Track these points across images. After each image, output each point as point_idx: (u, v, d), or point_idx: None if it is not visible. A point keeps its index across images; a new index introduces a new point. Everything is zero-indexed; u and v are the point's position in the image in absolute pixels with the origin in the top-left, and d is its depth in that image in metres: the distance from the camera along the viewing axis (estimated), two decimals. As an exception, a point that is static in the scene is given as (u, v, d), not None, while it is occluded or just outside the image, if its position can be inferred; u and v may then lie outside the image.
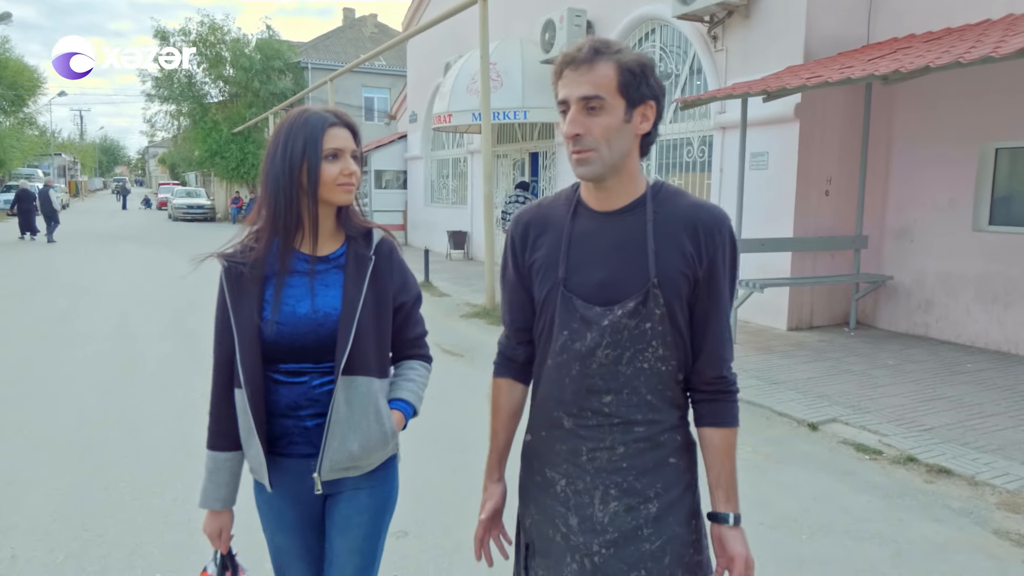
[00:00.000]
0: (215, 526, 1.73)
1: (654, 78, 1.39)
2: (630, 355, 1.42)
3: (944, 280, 7.66)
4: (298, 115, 1.64)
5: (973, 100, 7.21)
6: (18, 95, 38.96)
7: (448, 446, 4.58)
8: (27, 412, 5.12)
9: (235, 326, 1.62)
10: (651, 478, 1.45)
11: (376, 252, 1.72)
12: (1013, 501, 3.82)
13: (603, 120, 1.36)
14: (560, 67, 1.38)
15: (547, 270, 1.50)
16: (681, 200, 1.45)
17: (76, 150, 72.60)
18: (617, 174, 1.42)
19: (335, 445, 1.62)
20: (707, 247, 1.41)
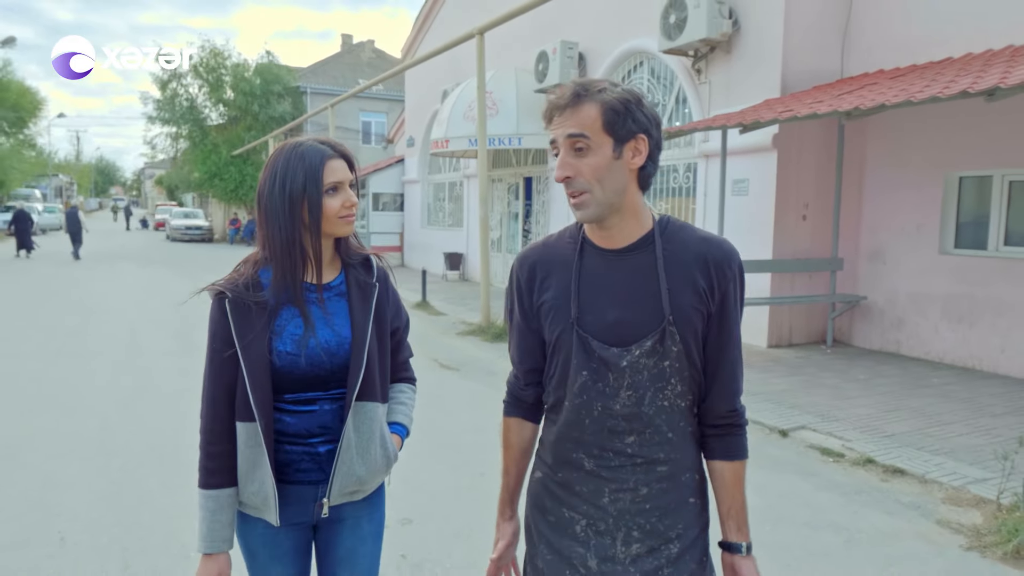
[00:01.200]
0: (214, 571, 1.64)
1: (642, 111, 1.38)
2: (651, 395, 1.42)
3: (914, 300, 8.13)
4: (293, 148, 1.62)
5: (938, 131, 7.72)
6: (19, 117, 39.49)
7: (445, 447, 4.97)
8: (51, 420, 5.49)
9: (243, 358, 1.59)
10: (673, 519, 1.45)
11: (377, 279, 1.74)
12: (957, 496, 4.24)
13: (591, 160, 1.36)
14: (548, 114, 1.42)
15: (558, 311, 1.48)
16: (689, 235, 1.45)
17: (73, 171, 73.17)
18: (618, 212, 1.41)
19: (344, 471, 1.64)
20: (719, 282, 1.42)
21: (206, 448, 1.65)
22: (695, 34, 8.72)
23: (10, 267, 18.28)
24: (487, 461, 4.85)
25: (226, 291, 1.62)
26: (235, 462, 1.64)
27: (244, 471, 1.63)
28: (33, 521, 3.72)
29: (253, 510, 1.65)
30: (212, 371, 1.64)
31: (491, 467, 4.77)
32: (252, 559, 1.72)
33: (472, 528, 3.71)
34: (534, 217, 14.44)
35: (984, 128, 7.28)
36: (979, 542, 3.67)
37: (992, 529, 3.75)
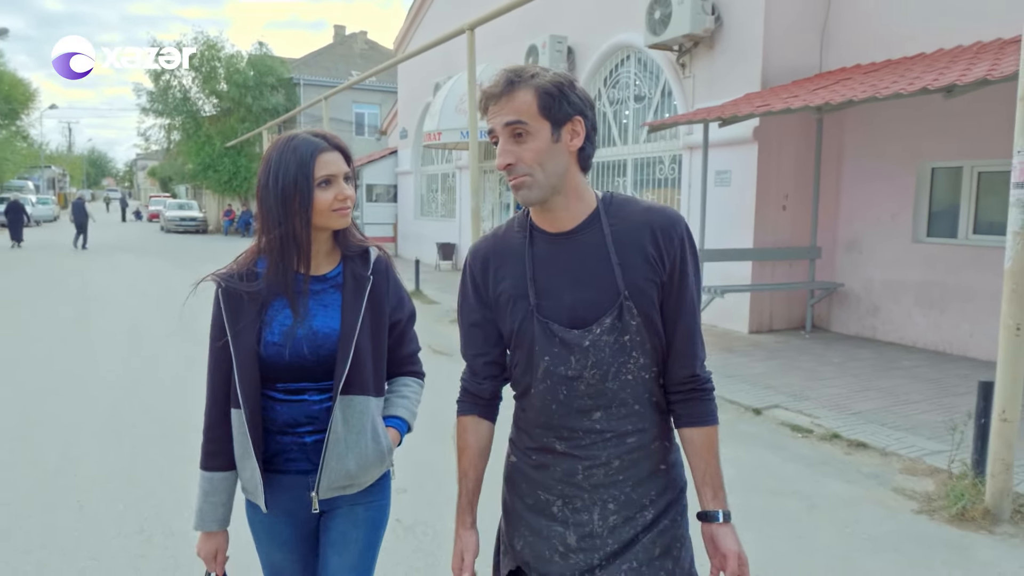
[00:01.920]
0: (211, 547, 1.73)
1: (575, 94, 1.39)
2: (614, 370, 1.44)
3: (888, 287, 8.45)
4: (286, 142, 1.64)
5: (912, 123, 8.02)
6: (12, 108, 39.45)
7: (437, 424, 5.25)
8: (62, 403, 5.76)
9: (233, 347, 1.63)
10: (646, 487, 1.48)
11: (374, 271, 1.74)
12: (913, 467, 4.56)
13: (531, 145, 1.37)
14: (483, 104, 1.43)
15: (516, 300, 1.49)
16: (633, 207, 1.46)
17: (65, 162, 72.85)
18: (560, 194, 1.42)
19: (332, 464, 1.65)
20: (667, 248, 1.42)
21: (206, 432, 1.72)
22: (679, 29, 8.98)
23: (7, 257, 18.45)
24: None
25: (221, 281, 1.67)
26: (231, 447, 1.69)
27: (238, 456, 1.68)
28: (53, 491, 3.99)
29: (249, 494, 1.70)
30: (211, 358, 1.71)
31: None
32: (259, 542, 1.78)
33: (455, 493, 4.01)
34: (525, 208, 14.69)
35: (955, 121, 7.58)
36: (929, 506, 3.99)
37: (942, 495, 4.06)
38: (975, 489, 3.94)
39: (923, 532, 3.72)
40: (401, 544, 3.47)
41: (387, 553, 3.27)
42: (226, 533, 1.73)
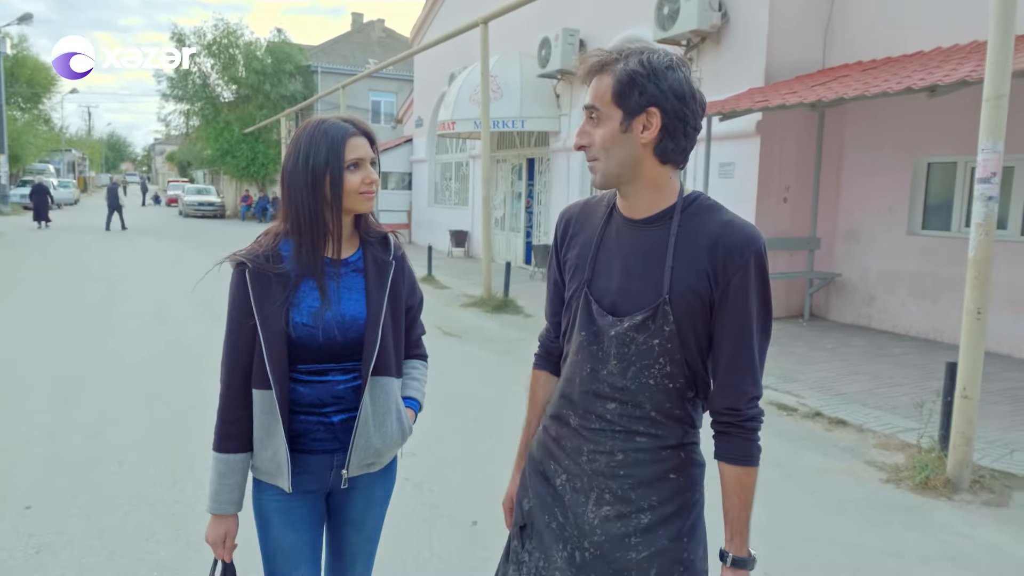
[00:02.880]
0: (220, 531, 1.72)
1: (656, 83, 1.33)
2: (635, 370, 1.41)
3: (884, 277, 8.72)
4: (316, 125, 1.67)
5: (909, 119, 8.26)
6: (34, 92, 40.13)
7: (445, 398, 5.64)
8: (94, 376, 6.18)
9: (261, 328, 1.64)
10: (647, 490, 1.44)
11: (394, 256, 1.79)
12: (887, 442, 4.88)
13: (601, 130, 1.37)
14: (582, 80, 1.44)
15: (577, 269, 1.51)
16: (712, 216, 1.40)
17: (84, 146, 73.81)
18: (632, 183, 1.41)
19: (362, 443, 1.69)
20: (726, 268, 1.35)
21: (222, 413, 1.71)
22: (687, 25, 9.26)
23: (34, 237, 19.00)
24: (480, 409, 5.52)
25: (247, 262, 1.67)
26: (249, 429, 1.70)
27: (259, 438, 1.69)
28: (94, 451, 4.40)
29: (267, 476, 1.71)
30: (231, 339, 1.70)
31: (483, 414, 5.46)
32: (266, 526, 1.75)
33: (463, 459, 4.39)
34: (536, 197, 15.02)
35: (950, 117, 7.81)
36: (896, 476, 4.31)
37: (909, 466, 4.38)
38: (939, 461, 4.26)
39: (887, 498, 4.05)
40: (409, 499, 3.84)
41: (397, 506, 3.65)
42: (236, 518, 1.74)
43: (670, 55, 1.37)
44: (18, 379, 5.91)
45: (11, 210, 28.55)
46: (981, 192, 3.96)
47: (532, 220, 15.20)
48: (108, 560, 3.11)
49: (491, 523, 3.50)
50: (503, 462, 3.48)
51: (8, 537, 3.29)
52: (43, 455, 4.28)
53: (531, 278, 13.21)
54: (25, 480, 3.92)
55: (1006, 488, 4.16)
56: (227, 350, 1.71)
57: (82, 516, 3.52)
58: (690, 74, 1.38)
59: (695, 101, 1.37)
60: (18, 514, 3.51)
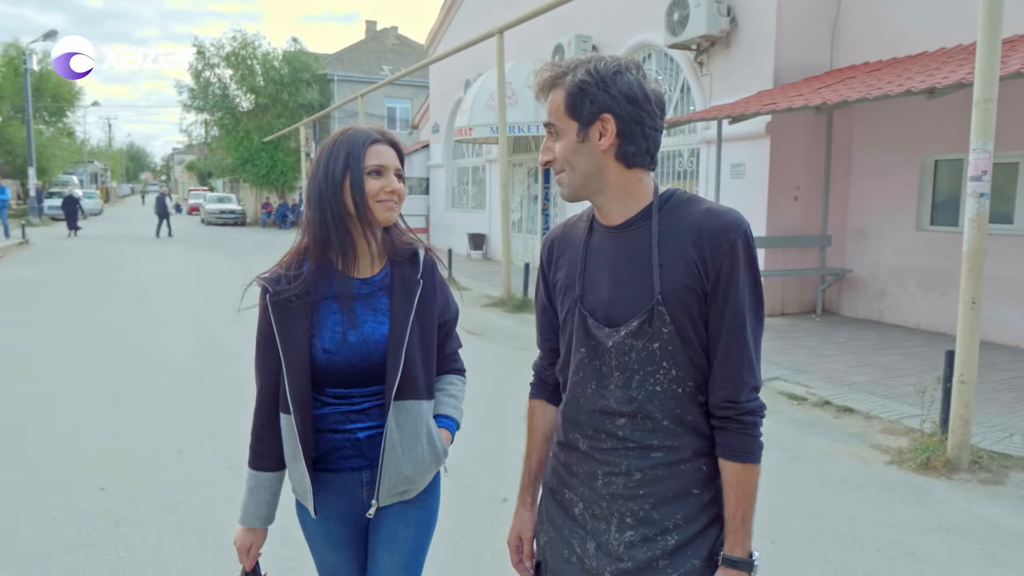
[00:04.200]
0: (247, 541, 1.74)
1: (605, 90, 1.32)
2: (640, 378, 1.36)
3: (894, 273, 8.96)
4: (341, 133, 1.65)
5: (916, 117, 8.50)
6: (58, 106, 41.05)
7: (470, 393, 5.97)
8: (143, 375, 6.58)
9: (283, 355, 1.61)
10: (670, 508, 1.37)
11: (423, 274, 1.71)
12: (892, 428, 5.16)
13: (560, 143, 1.37)
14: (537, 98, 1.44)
15: (567, 289, 1.48)
16: (692, 207, 1.37)
17: (106, 157, 75.12)
18: (601, 192, 1.39)
19: (390, 471, 1.63)
20: (713, 255, 1.31)
21: (254, 433, 1.73)
22: (696, 30, 9.55)
23: (66, 246, 19.59)
24: (504, 403, 5.85)
25: (268, 286, 1.64)
26: (279, 449, 1.69)
27: (288, 460, 1.68)
28: (154, 442, 4.77)
29: (300, 496, 1.70)
30: (258, 361, 1.70)
31: (508, 405, 5.79)
32: (312, 543, 1.78)
33: (492, 445, 4.72)
34: (552, 199, 15.34)
35: (957, 115, 8.02)
36: (899, 458, 4.59)
37: (912, 449, 4.66)
38: (940, 443, 4.54)
39: (889, 478, 4.34)
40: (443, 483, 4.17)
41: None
42: (265, 531, 1.76)
43: (619, 60, 1.36)
44: (72, 380, 6.32)
45: (41, 221, 29.29)
46: (973, 189, 4.24)
47: (548, 222, 15.52)
48: (180, 533, 3.47)
49: (521, 500, 3.82)
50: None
51: (89, 513, 3.67)
52: (109, 448, 4.66)
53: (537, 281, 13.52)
54: (96, 467, 4.30)
55: (1003, 468, 4.43)
56: (256, 371, 1.72)
57: (152, 496, 3.89)
58: (642, 76, 1.36)
59: (650, 102, 1.35)
60: (95, 494, 3.90)
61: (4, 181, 28.56)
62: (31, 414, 5.33)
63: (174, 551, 3.32)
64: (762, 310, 1.37)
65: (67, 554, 3.30)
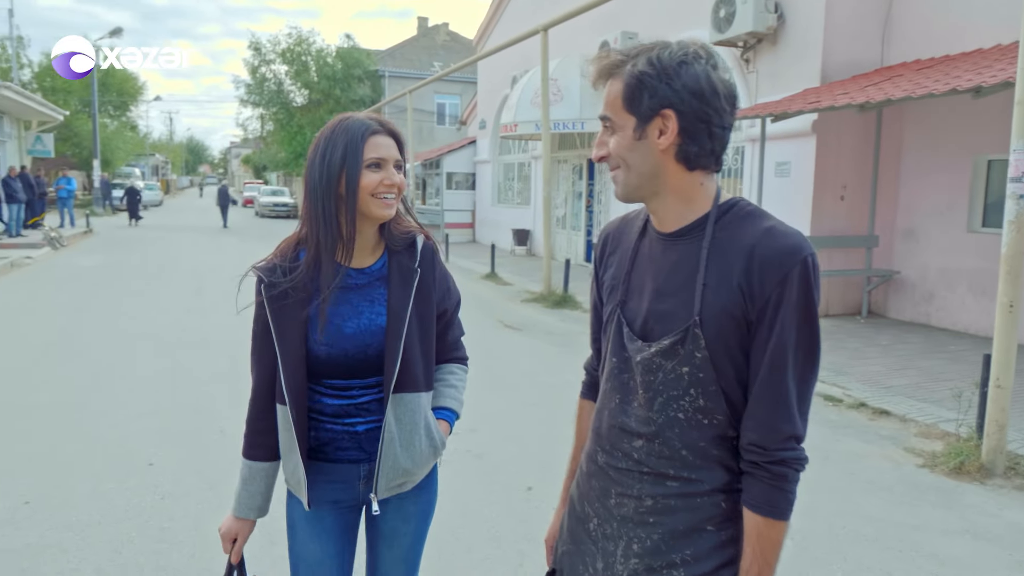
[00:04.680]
0: (233, 529, 1.71)
1: (668, 83, 1.19)
2: (662, 401, 1.27)
3: (943, 275, 8.75)
4: (339, 122, 1.58)
5: (968, 116, 8.28)
6: (123, 101, 42.62)
7: (506, 385, 6.10)
8: (193, 356, 6.88)
9: (278, 345, 1.59)
10: (680, 542, 1.27)
11: (420, 263, 1.68)
12: (928, 431, 5.08)
13: (616, 138, 1.26)
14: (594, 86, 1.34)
15: (612, 290, 1.40)
16: (750, 225, 1.23)
17: (166, 150, 77.57)
18: (657, 195, 1.28)
19: (389, 464, 1.62)
20: (762, 283, 1.18)
21: (249, 423, 1.71)
22: (743, 27, 9.45)
23: (128, 236, 20.38)
24: (538, 395, 5.94)
25: (263, 276, 1.62)
26: (275, 439, 1.68)
27: (283, 451, 1.67)
28: (198, 422, 5.02)
29: (293, 488, 1.69)
30: (254, 351, 1.68)
31: (541, 399, 5.88)
32: (293, 534, 1.74)
33: (520, 436, 4.82)
34: (596, 196, 15.35)
35: (1009, 114, 7.81)
36: (932, 462, 4.54)
37: (946, 453, 4.60)
38: (975, 448, 4.47)
39: (920, 481, 4.29)
40: (469, 467, 4.30)
41: (459, 474, 4.13)
42: (253, 524, 1.74)
43: (686, 48, 1.23)
44: (127, 362, 6.64)
45: (105, 211, 30.51)
46: (1013, 190, 4.16)
47: (592, 219, 15.53)
48: (219, 508, 3.67)
49: (545, 489, 3.92)
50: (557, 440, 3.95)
51: (139, 487, 3.91)
52: (156, 426, 4.92)
53: (591, 275, 13.53)
54: (145, 444, 4.55)
55: (1040, 474, 4.34)
56: (252, 361, 1.70)
57: (195, 472, 4.11)
58: (712, 66, 1.22)
59: (719, 97, 1.21)
60: (144, 470, 4.14)
61: (71, 172, 29.76)
62: (89, 391, 5.65)
63: (213, 524, 3.50)
64: (816, 351, 1.22)
65: (116, 523, 3.52)
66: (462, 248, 18.75)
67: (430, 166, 23.40)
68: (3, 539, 3.36)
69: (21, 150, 21.54)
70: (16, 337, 7.62)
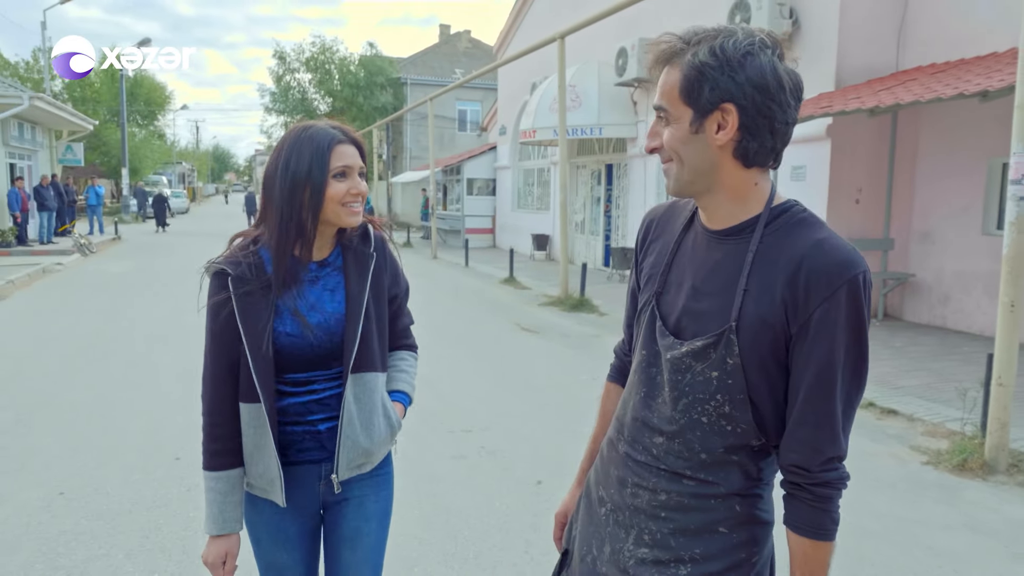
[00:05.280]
0: (221, 551, 1.63)
1: (733, 75, 1.13)
2: (687, 403, 1.24)
3: (959, 278, 8.75)
4: (303, 130, 1.60)
5: (983, 121, 8.28)
6: (151, 110, 43.51)
7: (522, 386, 6.25)
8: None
9: (246, 339, 1.58)
10: (690, 540, 1.27)
11: (375, 248, 1.72)
12: (934, 430, 5.15)
13: (670, 130, 1.21)
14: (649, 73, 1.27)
15: (650, 280, 1.36)
16: (802, 233, 1.18)
17: (193, 158, 78.87)
18: (710, 192, 1.23)
19: (349, 443, 1.63)
20: (808, 299, 1.13)
21: (210, 430, 1.64)
22: (758, 33, 9.53)
23: (156, 243, 20.85)
24: (552, 395, 6.08)
25: (228, 269, 1.61)
26: (239, 443, 1.63)
27: (249, 452, 1.62)
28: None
29: (260, 491, 1.64)
30: (213, 350, 1.64)
31: (554, 399, 6.01)
32: (257, 544, 1.72)
33: (533, 434, 4.97)
34: (615, 201, 15.46)
35: None
36: (936, 460, 4.61)
37: (950, 451, 4.66)
38: (979, 446, 4.53)
39: (924, 477, 4.37)
40: (483, 462, 4.45)
41: (472, 469, 4.27)
42: (238, 536, 1.67)
43: (752, 37, 1.16)
44: (156, 362, 6.89)
45: (131, 218, 31.18)
46: (1014, 192, 4.23)
47: (611, 224, 15.64)
48: (242, 498, 3.86)
49: (555, 483, 4.06)
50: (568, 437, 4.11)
51: (166, 479, 4.11)
52: (182, 422, 5.13)
53: (608, 280, 13.66)
54: (172, 439, 4.76)
55: (1044, 472, 4.40)
56: (210, 363, 1.66)
57: (220, 465, 4.31)
58: (780, 57, 1.17)
59: (784, 91, 1.15)
60: (171, 463, 4.35)
61: (100, 181, 30.46)
62: (119, 389, 5.89)
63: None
64: (864, 371, 1.19)
65: (145, 511, 3.72)
66: (482, 253, 18.93)
67: (451, 172, 23.65)
68: (40, 526, 3.57)
69: (52, 159, 22.13)
70: (50, 339, 7.91)
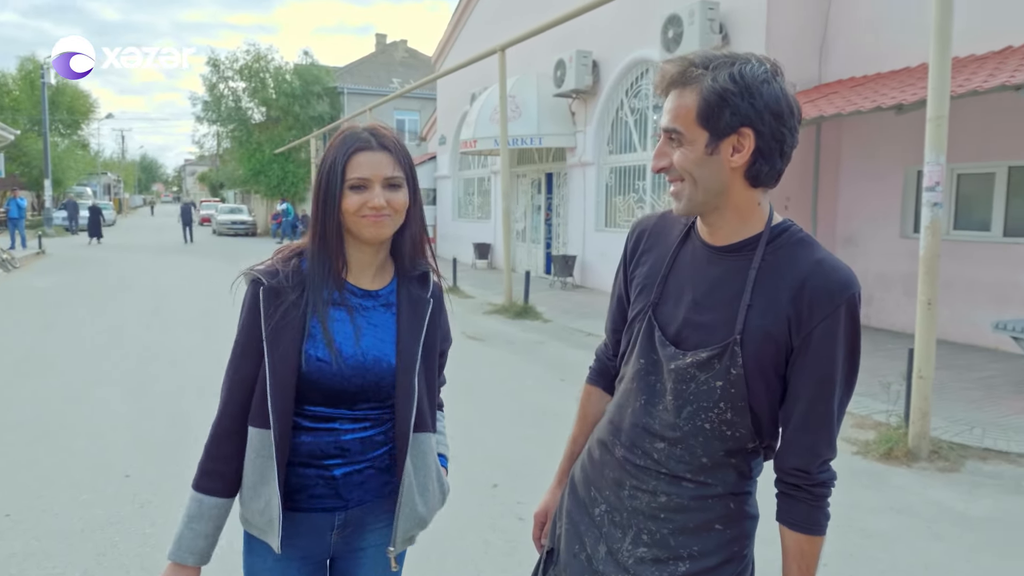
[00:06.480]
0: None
1: (750, 101, 1.18)
2: (691, 410, 1.30)
3: (880, 279, 9.28)
4: (339, 134, 1.51)
5: (900, 130, 8.83)
6: (74, 119, 41.91)
7: (471, 394, 6.36)
8: (160, 369, 6.99)
9: (268, 355, 1.44)
10: (689, 538, 1.33)
11: (433, 295, 1.59)
12: (863, 422, 5.49)
13: (682, 151, 1.23)
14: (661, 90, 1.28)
15: (644, 289, 1.40)
16: (802, 253, 1.26)
17: (119, 169, 76.19)
18: (717, 211, 1.28)
19: (407, 512, 1.51)
20: (811, 314, 1.21)
21: (209, 447, 1.50)
22: (690, 46, 9.92)
23: (83, 256, 20.11)
24: (500, 402, 6.21)
25: (263, 278, 1.48)
26: (238, 471, 1.49)
27: (250, 484, 1.47)
28: (174, 434, 5.16)
29: (257, 531, 1.50)
30: (234, 363, 1.51)
31: (503, 405, 6.14)
32: None
33: (485, 439, 5.08)
34: (555, 209, 15.73)
35: (936, 128, 8.39)
36: (865, 450, 4.93)
37: (877, 441, 4.99)
38: (903, 435, 4.86)
39: (853, 467, 4.67)
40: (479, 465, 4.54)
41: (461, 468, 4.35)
42: (198, 571, 1.49)
43: (765, 65, 1.22)
44: (94, 378, 6.72)
45: (54, 231, 29.96)
46: (928, 199, 4.59)
47: (551, 232, 15.90)
48: (199, 512, 3.85)
49: (509, 484, 4.18)
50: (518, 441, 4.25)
51: (117, 497, 4.06)
52: (130, 438, 5.06)
53: (551, 287, 13.90)
54: (120, 456, 4.69)
55: (961, 457, 4.76)
56: (229, 374, 1.51)
57: (175, 479, 4.26)
58: (785, 83, 1.23)
59: (794, 116, 1.23)
60: (121, 481, 4.29)
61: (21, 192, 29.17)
62: (61, 407, 5.74)
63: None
64: (855, 379, 1.29)
65: (98, 530, 3.68)
66: (424, 262, 18.91)
67: (390, 182, 23.54)
68: (-12, 548, 3.50)
69: (-30, 171, 21.14)
70: (-21, 358, 7.62)
